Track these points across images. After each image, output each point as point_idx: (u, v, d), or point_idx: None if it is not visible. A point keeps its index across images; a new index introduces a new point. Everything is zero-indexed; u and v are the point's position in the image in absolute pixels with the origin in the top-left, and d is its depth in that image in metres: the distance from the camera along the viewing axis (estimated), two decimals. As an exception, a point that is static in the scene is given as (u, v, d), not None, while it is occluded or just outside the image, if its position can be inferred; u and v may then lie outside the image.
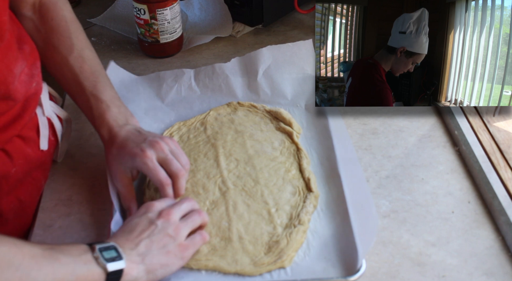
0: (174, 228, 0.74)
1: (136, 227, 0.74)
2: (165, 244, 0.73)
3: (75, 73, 0.90)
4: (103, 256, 0.68)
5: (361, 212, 0.81)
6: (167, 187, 0.81)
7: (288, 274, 0.76)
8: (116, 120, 0.87)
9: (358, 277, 0.75)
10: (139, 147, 0.82)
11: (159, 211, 0.76)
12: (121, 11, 1.37)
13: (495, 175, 0.90)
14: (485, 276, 0.77)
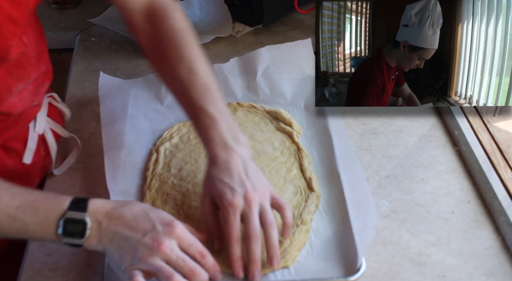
0: (144, 256, 0.69)
1: (138, 221, 0.71)
2: (125, 254, 0.70)
3: (183, 85, 0.84)
4: (64, 228, 0.69)
5: (361, 212, 0.81)
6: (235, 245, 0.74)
7: (291, 273, 0.76)
8: (222, 137, 0.80)
9: (358, 277, 0.75)
10: (233, 190, 0.75)
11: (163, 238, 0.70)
12: (121, 11, 1.37)
13: (495, 175, 0.90)
14: (485, 276, 0.77)
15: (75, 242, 0.70)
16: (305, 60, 1.12)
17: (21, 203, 0.70)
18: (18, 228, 0.70)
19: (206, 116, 0.81)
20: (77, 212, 0.70)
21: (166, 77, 0.89)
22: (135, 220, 0.71)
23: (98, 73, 1.07)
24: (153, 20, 0.89)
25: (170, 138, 0.97)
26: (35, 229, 0.70)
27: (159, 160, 0.93)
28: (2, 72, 0.78)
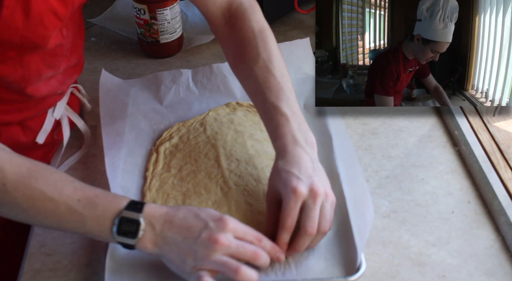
0: (205, 254, 0.70)
1: (190, 222, 0.72)
2: (186, 256, 0.71)
3: (259, 83, 0.86)
4: (120, 227, 0.71)
5: (360, 211, 0.81)
6: (287, 233, 0.75)
7: (293, 273, 0.76)
8: (293, 135, 0.81)
9: (358, 277, 0.75)
10: (299, 180, 0.75)
11: (218, 234, 0.71)
12: (121, 11, 1.37)
13: (495, 175, 0.90)
14: (485, 276, 0.77)
15: (128, 242, 0.71)
16: (304, 59, 1.12)
17: (82, 197, 0.72)
18: (77, 221, 0.72)
19: (279, 114, 0.83)
20: (133, 212, 0.72)
21: (242, 76, 0.92)
22: (187, 222, 0.72)
23: (98, 73, 1.07)
24: (233, 21, 0.92)
25: (169, 138, 0.97)
26: (91, 224, 0.72)
27: (159, 160, 0.93)
28: (36, 58, 0.81)
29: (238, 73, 0.93)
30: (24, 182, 0.71)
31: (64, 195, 0.72)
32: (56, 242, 0.81)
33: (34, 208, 0.71)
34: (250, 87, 0.89)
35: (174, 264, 0.72)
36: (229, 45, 0.93)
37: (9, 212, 0.73)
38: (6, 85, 0.81)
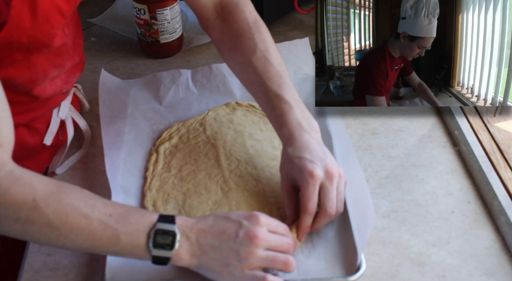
0: (248, 252, 0.71)
1: (222, 226, 0.72)
2: (228, 258, 0.71)
3: (258, 73, 0.88)
4: (155, 240, 0.69)
5: (360, 211, 0.81)
6: (309, 216, 0.77)
7: (294, 272, 0.76)
8: (299, 122, 0.83)
9: (358, 277, 0.75)
10: (313, 164, 0.78)
11: (255, 230, 0.72)
12: (121, 11, 1.37)
13: (495, 175, 0.90)
14: (485, 276, 0.77)
15: (165, 255, 0.70)
16: (304, 59, 1.12)
17: (113, 212, 0.70)
18: (110, 236, 0.69)
19: (283, 102, 0.85)
20: (167, 224, 0.71)
21: (239, 67, 0.92)
22: (219, 227, 0.72)
23: (98, 73, 1.07)
24: (225, 14, 0.93)
25: (169, 138, 0.97)
26: (126, 239, 0.69)
27: (159, 160, 0.93)
28: (42, 58, 0.81)
29: (234, 65, 0.93)
30: (55, 197, 0.68)
31: (96, 210, 0.70)
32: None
33: (66, 225, 0.68)
34: (249, 78, 0.90)
35: (216, 272, 0.72)
36: (222, 38, 0.94)
37: (39, 233, 0.68)
38: (14, 88, 0.80)
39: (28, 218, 0.67)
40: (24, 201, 0.67)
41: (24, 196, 0.67)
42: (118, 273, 0.75)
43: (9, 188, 0.66)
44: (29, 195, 0.67)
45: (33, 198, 0.67)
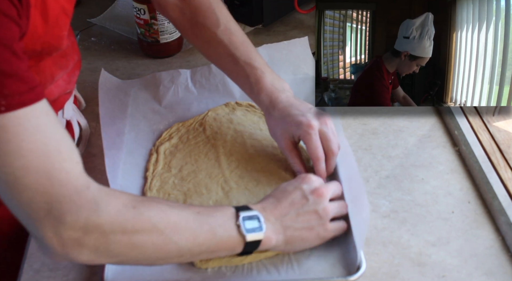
0: (323, 208, 0.76)
1: (288, 197, 0.76)
2: (310, 221, 0.75)
3: (225, 45, 0.92)
4: (245, 226, 0.71)
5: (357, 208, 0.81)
6: (323, 162, 0.85)
7: (296, 272, 0.76)
8: (273, 85, 0.90)
9: (358, 277, 0.75)
10: (305, 116, 0.85)
11: (315, 186, 0.77)
12: (121, 11, 1.37)
13: (495, 175, 0.90)
14: (485, 276, 0.77)
15: (257, 238, 0.71)
16: (303, 58, 1.12)
17: (198, 210, 0.71)
18: (207, 231, 0.69)
19: (254, 69, 0.90)
20: (247, 211, 0.73)
21: (204, 41, 0.95)
22: (286, 200, 0.76)
23: (98, 73, 1.07)
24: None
25: (169, 138, 0.97)
26: (221, 231, 0.70)
27: (159, 160, 0.93)
28: (49, 62, 0.82)
29: (199, 41, 0.96)
30: (148, 202, 0.69)
31: (185, 209, 0.71)
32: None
33: (169, 225, 0.67)
34: (216, 51, 0.94)
35: (303, 239, 0.75)
36: (183, 17, 0.96)
37: (147, 241, 0.66)
38: None
39: (135, 226, 0.65)
40: (126, 210, 0.65)
41: (124, 207, 0.66)
42: (118, 274, 0.75)
43: (109, 201, 0.65)
44: (128, 204, 0.66)
45: (132, 206, 0.66)
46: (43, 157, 0.60)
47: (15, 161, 0.59)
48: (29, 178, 0.60)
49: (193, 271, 0.76)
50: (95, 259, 0.65)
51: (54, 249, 0.62)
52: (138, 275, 0.75)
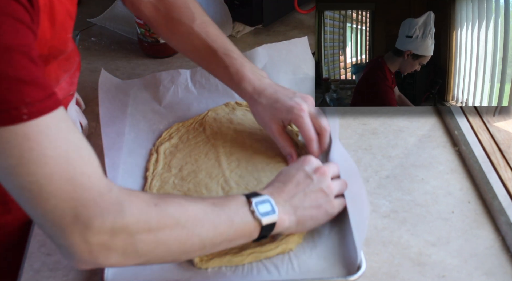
0: (328, 186, 0.79)
1: (292, 179, 0.78)
2: (317, 199, 0.78)
3: (202, 38, 0.94)
4: (259, 210, 0.72)
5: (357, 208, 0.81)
6: (316, 142, 0.89)
7: (296, 272, 0.76)
8: (254, 73, 0.93)
9: (358, 277, 0.75)
10: (293, 100, 0.89)
11: (316, 166, 0.80)
12: (121, 11, 1.37)
13: (495, 175, 0.90)
14: (485, 276, 0.77)
15: (272, 220, 0.73)
16: (302, 58, 1.12)
17: (213, 201, 0.72)
18: (225, 220, 0.70)
19: (233, 59, 0.93)
20: (258, 196, 0.74)
21: (180, 36, 0.97)
22: (292, 182, 0.78)
23: (98, 73, 1.08)
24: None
25: (169, 138, 0.97)
26: (237, 219, 0.71)
27: (159, 160, 0.93)
28: (55, 65, 0.82)
29: (174, 36, 0.98)
30: (168, 198, 0.69)
31: (201, 201, 0.71)
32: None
33: (190, 219, 0.68)
34: (193, 44, 0.95)
35: (313, 218, 0.78)
36: (157, 14, 0.97)
37: (171, 237, 0.67)
38: None
39: (159, 224, 0.66)
40: (149, 209, 0.66)
41: (147, 205, 0.66)
42: (118, 274, 0.75)
43: (131, 201, 0.65)
44: (150, 202, 0.66)
45: (154, 204, 0.66)
46: (65, 163, 0.60)
47: (38, 169, 0.59)
48: (53, 185, 0.60)
49: (193, 271, 0.76)
50: (123, 261, 0.65)
51: (82, 256, 0.62)
52: (138, 275, 0.75)
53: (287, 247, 0.78)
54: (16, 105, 0.57)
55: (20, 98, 0.57)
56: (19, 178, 0.59)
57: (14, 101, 0.57)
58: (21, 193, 0.60)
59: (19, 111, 0.57)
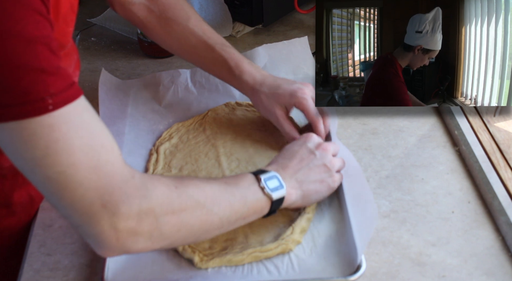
0: (330, 161, 0.82)
1: (296, 155, 0.81)
2: (320, 174, 0.81)
3: (199, 35, 0.96)
4: (268, 186, 0.75)
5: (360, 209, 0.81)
6: (321, 123, 0.92)
7: (296, 271, 0.76)
8: (252, 66, 0.96)
9: (358, 277, 0.75)
10: (295, 85, 0.93)
11: (318, 142, 0.84)
12: (121, 11, 1.37)
13: (495, 175, 0.90)
14: (485, 276, 0.77)
15: (281, 195, 0.76)
16: (302, 58, 1.12)
17: (226, 181, 0.74)
18: (240, 198, 0.73)
19: (232, 54, 0.96)
20: (265, 173, 0.77)
21: (176, 36, 0.98)
22: (296, 157, 0.81)
23: (98, 73, 1.07)
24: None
25: (169, 138, 0.97)
26: (250, 196, 0.74)
27: (159, 160, 0.93)
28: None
29: (170, 36, 0.98)
30: (186, 180, 0.71)
31: (215, 181, 0.74)
32: (56, 242, 0.81)
33: (208, 199, 0.70)
34: (190, 43, 0.97)
35: (317, 191, 0.81)
36: (150, 14, 0.98)
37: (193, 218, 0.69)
38: None
39: (181, 205, 0.67)
40: (170, 192, 0.67)
41: (168, 188, 0.68)
42: (118, 274, 0.75)
43: (154, 185, 0.66)
44: (170, 185, 0.68)
45: (174, 186, 0.68)
46: (90, 152, 0.61)
47: (65, 159, 0.59)
48: (80, 174, 0.60)
49: (193, 271, 0.76)
50: (150, 245, 0.66)
51: (110, 243, 0.63)
52: (138, 275, 0.75)
53: (287, 247, 0.78)
54: (41, 96, 0.58)
55: (45, 89, 0.58)
56: (46, 169, 0.59)
57: (39, 92, 0.58)
58: (47, 184, 0.61)
59: (45, 102, 0.58)
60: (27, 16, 0.58)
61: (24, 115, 0.57)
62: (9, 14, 0.57)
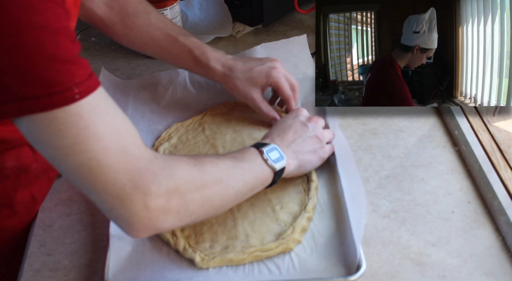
0: (321, 133, 0.88)
1: (290, 128, 0.86)
2: (313, 144, 0.86)
3: (161, 28, 0.98)
4: (270, 157, 0.79)
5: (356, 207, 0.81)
6: (293, 99, 0.97)
7: (297, 271, 0.76)
8: (218, 52, 0.98)
9: (358, 277, 0.75)
10: (266, 65, 0.96)
11: (308, 115, 0.89)
12: (121, 11, 1.37)
13: (495, 175, 0.90)
14: (485, 276, 0.77)
15: (283, 165, 0.80)
16: (301, 58, 1.12)
17: (233, 155, 0.78)
18: (249, 170, 0.76)
19: (196, 43, 0.98)
20: (265, 146, 0.80)
21: (138, 30, 0.99)
22: (290, 130, 0.85)
23: (98, 73, 1.07)
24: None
25: (168, 138, 0.97)
26: (257, 167, 0.77)
27: (159, 160, 0.93)
28: None
29: (131, 31, 0.99)
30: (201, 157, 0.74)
31: (224, 157, 0.76)
32: (56, 242, 0.81)
33: (225, 173, 0.73)
34: (152, 35, 0.98)
35: (311, 161, 0.86)
36: (111, 11, 0.99)
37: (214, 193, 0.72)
38: None
39: (202, 181, 0.70)
40: (191, 169, 0.70)
41: (189, 166, 0.70)
42: (118, 274, 0.75)
43: (176, 164, 0.69)
44: (190, 163, 0.71)
45: (193, 164, 0.71)
46: (117, 137, 0.63)
47: (95, 145, 0.61)
48: (110, 158, 0.62)
49: (194, 271, 0.76)
50: (178, 222, 0.69)
51: (143, 223, 0.65)
52: (139, 275, 0.75)
53: (288, 247, 0.78)
54: (68, 86, 0.59)
55: (71, 79, 0.59)
56: (77, 157, 0.61)
57: (66, 82, 0.59)
58: (79, 171, 0.62)
59: (72, 91, 0.59)
60: (50, 8, 0.59)
61: (53, 106, 0.59)
62: (33, 7, 0.58)
